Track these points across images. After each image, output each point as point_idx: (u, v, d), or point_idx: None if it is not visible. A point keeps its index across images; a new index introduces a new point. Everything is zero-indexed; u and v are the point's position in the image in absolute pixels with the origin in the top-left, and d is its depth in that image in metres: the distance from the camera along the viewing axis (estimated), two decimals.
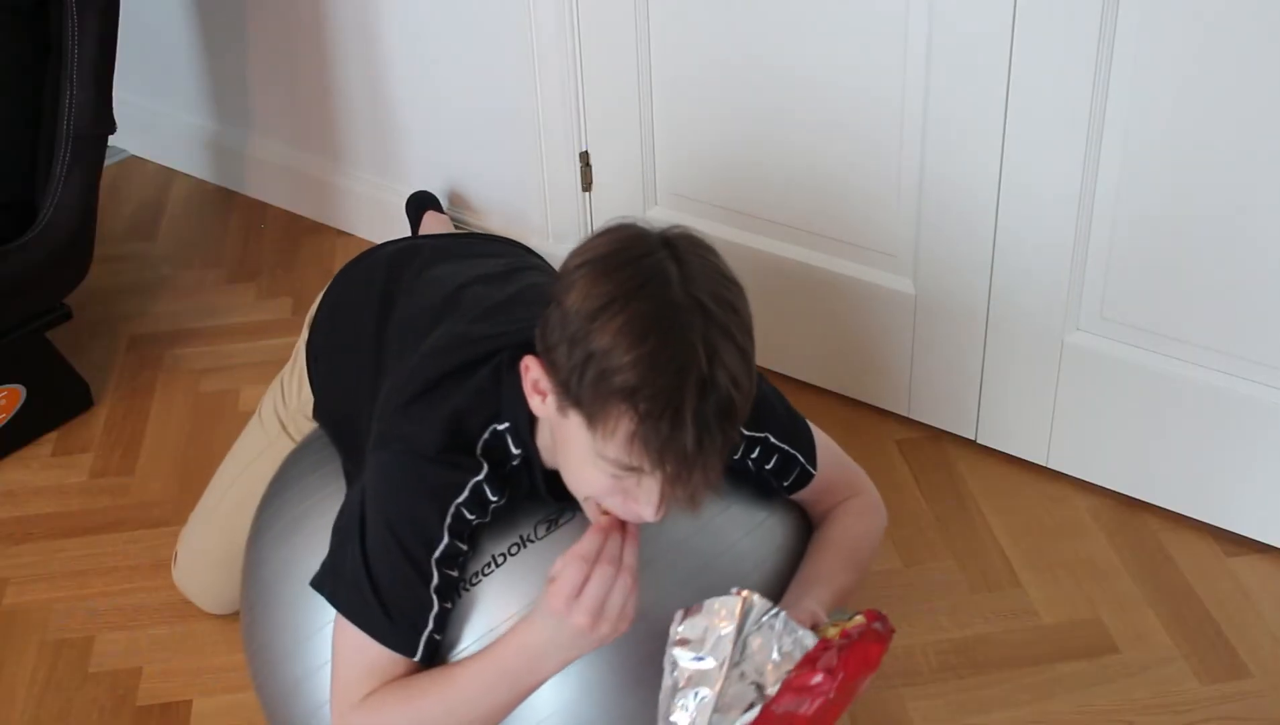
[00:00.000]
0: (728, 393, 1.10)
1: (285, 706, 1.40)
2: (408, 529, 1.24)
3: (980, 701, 1.70)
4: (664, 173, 2.23)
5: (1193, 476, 1.92)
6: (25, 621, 1.87)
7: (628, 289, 1.09)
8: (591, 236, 1.16)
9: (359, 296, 1.58)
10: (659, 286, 1.10)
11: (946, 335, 2.03)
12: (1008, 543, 1.94)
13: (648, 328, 1.08)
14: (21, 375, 2.15)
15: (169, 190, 2.93)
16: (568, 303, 1.11)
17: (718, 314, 1.11)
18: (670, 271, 1.11)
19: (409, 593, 1.24)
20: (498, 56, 2.32)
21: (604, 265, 1.12)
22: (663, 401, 1.07)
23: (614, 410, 1.09)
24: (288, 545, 1.44)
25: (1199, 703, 1.69)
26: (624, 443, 1.10)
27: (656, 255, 1.12)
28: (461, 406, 1.26)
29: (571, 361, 1.10)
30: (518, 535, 1.30)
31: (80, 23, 2.05)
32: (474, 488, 1.25)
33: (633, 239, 1.14)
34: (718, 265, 1.15)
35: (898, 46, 1.87)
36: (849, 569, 1.40)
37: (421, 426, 1.26)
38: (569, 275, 1.13)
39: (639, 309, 1.08)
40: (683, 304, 1.09)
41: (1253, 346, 1.79)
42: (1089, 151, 1.78)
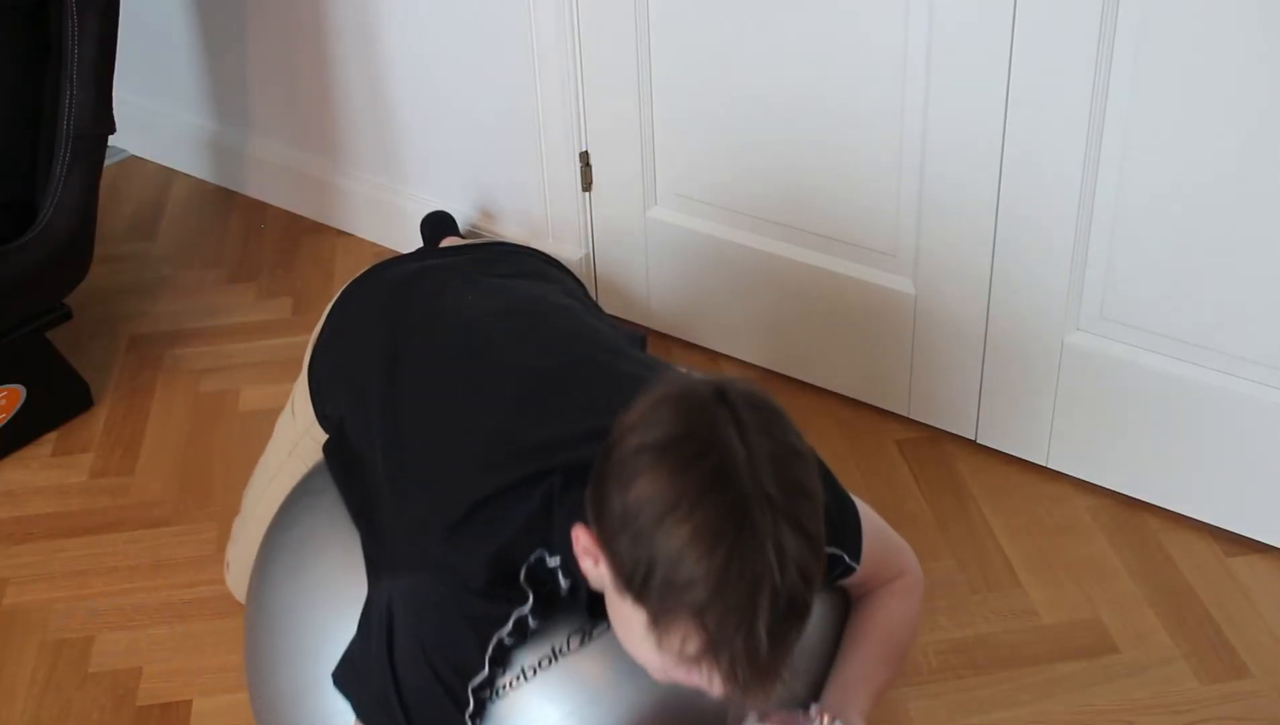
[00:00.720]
0: (799, 594, 1.04)
1: None
2: (444, 657, 1.20)
3: (980, 701, 1.70)
4: (664, 173, 2.23)
5: (1193, 476, 1.92)
6: (25, 621, 1.87)
7: (695, 489, 1.02)
8: (650, 402, 1.08)
9: (364, 330, 1.51)
10: (727, 482, 1.02)
11: (946, 335, 2.03)
12: (1008, 543, 1.94)
13: (716, 538, 1.01)
14: (21, 375, 2.15)
15: (169, 190, 2.93)
16: (629, 496, 1.04)
17: (786, 504, 1.04)
18: (737, 457, 1.03)
19: (443, 720, 1.21)
20: (498, 56, 2.32)
21: (668, 456, 1.04)
22: (734, 620, 1.02)
23: (681, 623, 1.03)
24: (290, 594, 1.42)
25: (1199, 703, 1.69)
26: (692, 652, 1.05)
27: (722, 438, 1.04)
28: (509, 540, 1.20)
29: (634, 560, 1.04)
30: (550, 647, 1.25)
31: (80, 23, 2.05)
32: (518, 619, 1.20)
33: (696, 415, 1.05)
34: (784, 437, 1.08)
35: (898, 46, 1.87)
36: (886, 663, 1.35)
37: (467, 559, 1.20)
38: (628, 458, 1.05)
39: (706, 515, 1.01)
40: (752, 499, 1.02)
41: (1253, 346, 1.79)
42: (1089, 152, 1.78)
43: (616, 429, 1.08)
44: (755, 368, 2.28)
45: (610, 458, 1.07)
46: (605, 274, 2.39)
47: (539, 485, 1.20)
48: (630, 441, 1.06)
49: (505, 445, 1.26)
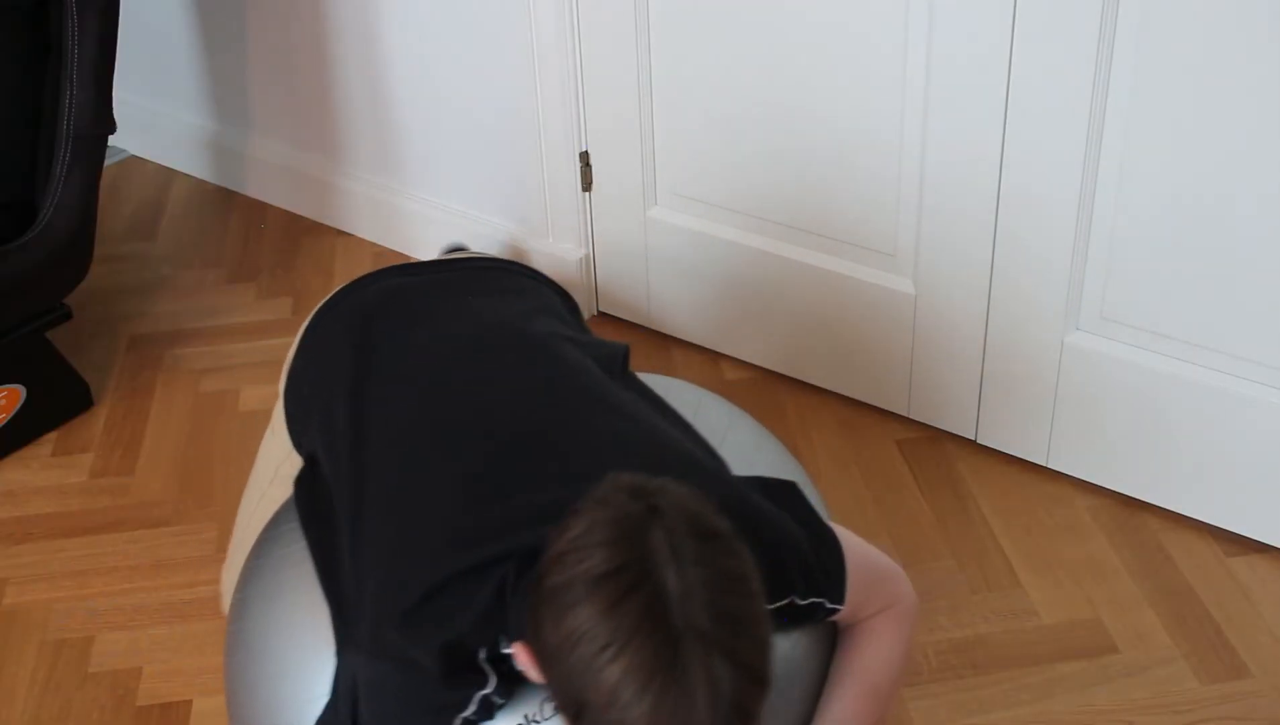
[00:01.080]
0: (737, 708, 1.01)
1: None
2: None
3: (980, 701, 1.70)
4: (664, 173, 2.23)
5: (1193, 476, 1.92)
6: (25, 621, 1.87)
7: (626, 629, 0.99)
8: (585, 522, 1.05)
9: (332, 363, 1.46)
10: (657, 621, 0.99)
11: (946, 335, 2.03)
12: (1008, 543, 1.94)
13: (648, 680, 0.99)
14: (21, 375, 2.15)
15: (169, 190, 2.93)
16: (562, 629, 1.01)
17: (720, 638, 1.00)
18: (669, 591, 1.00)
19: None
20: (498, 56, 2.32)
21: (599, 592, 1.01)
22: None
23: None
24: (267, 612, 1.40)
25: (1199, 703, 1.69)
26: None
27: (654, 571, 1.01)
28: (464, 632, 1.17)
29: (568, 696, 1.03)
30: (522, 715, 1.22)
31: (80, 23, 2.05)
32: (481, 700, 1.18)
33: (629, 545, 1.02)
34: (723, 562, 1.05)
35: (898, 47, 1.87)
36: (873, 700, 1.32)
37: (420, 649, 1.18)
38: (563, 586, 1.02)
39: (637, 657, 0.99)
40: (684, 638, 0.99)
41: (1252, 346, 1.79)
42: (1089, 152, 1.78)
43: (551, 549, 1.05)
44: (755, 367, 2.28)
45: (544, 583, 1.04)
46: (605, 274, 2.39)
47: (494, 573, 1.16)
48: (562, 571, 1.03)
49: (460, 526, 1.22)
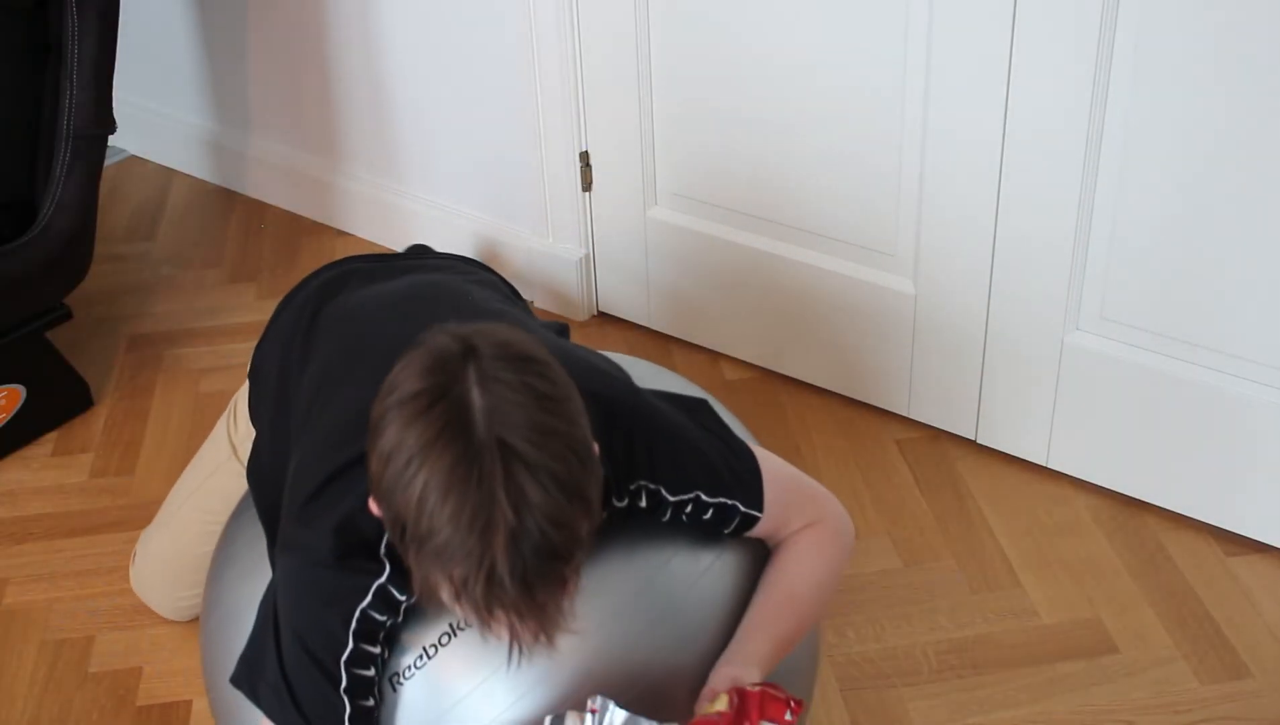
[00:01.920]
0: (543, 536, 1.03)
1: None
2: (313, 636, 1.21)
3: (980, 701, 1.70)
4: (664, 173, 2.23)
5: (1193, 476, 1.92)
6: (25, 621, 1.87)
7: (426, 439, 1.03)
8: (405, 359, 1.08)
9: (286, 334, 1.51)
10: (457, 433, 1.03)
11: (946, 335, 2.03)
12: (1008, 543, 1.94)
13: (448, 486, 1.02)
14: (21, 375, 2.15)
15: (169, 190, 2.93)
16: (375, 454, 1.06)
17: (525, 450, 1.03)
18: (473, 407, 1.03)
19: (321, 696, 1.22)
20: (498, 57, 2.32)
21: (404, 410, 1.05)
22: (474, 564, 1.02)
23: (432, 576, 1.05)
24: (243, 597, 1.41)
25: (1199, 703, 1.69)
26: (450, 600, 1.07)
27: (458, 389, 1.04)
28: (354, 509, 1.19)
29: (391, 519, 1.06)
30: (447, 624, 1.25)
31: (80, 23, 2.05)
32: (378, 590, 1.21)
33: (438, 370, 1.06)
34: (535, 383, 1.06)
35: (898, 46, 1.87)
36: (790, 614, 1.33)
37: (316, 533, 1.22)
38: (378, 418, 1.06)
39: (437, 465, 1.02)
40: (484, 448, 1.02)
41: (1253, 346, 1.79)
42: (1089, 151, 1.78)
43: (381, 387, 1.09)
44: (755, 367, 2.28)
45: (372, 416, 1.08)
46: (605, 274, 2.39)
47: None
48: (382, 402, 1.07)
49: (352, 422, 1.23)
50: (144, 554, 1.84)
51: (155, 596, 1.84)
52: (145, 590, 1.85)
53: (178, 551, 1.77)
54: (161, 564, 1.81)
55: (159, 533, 1.81)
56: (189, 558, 1.75)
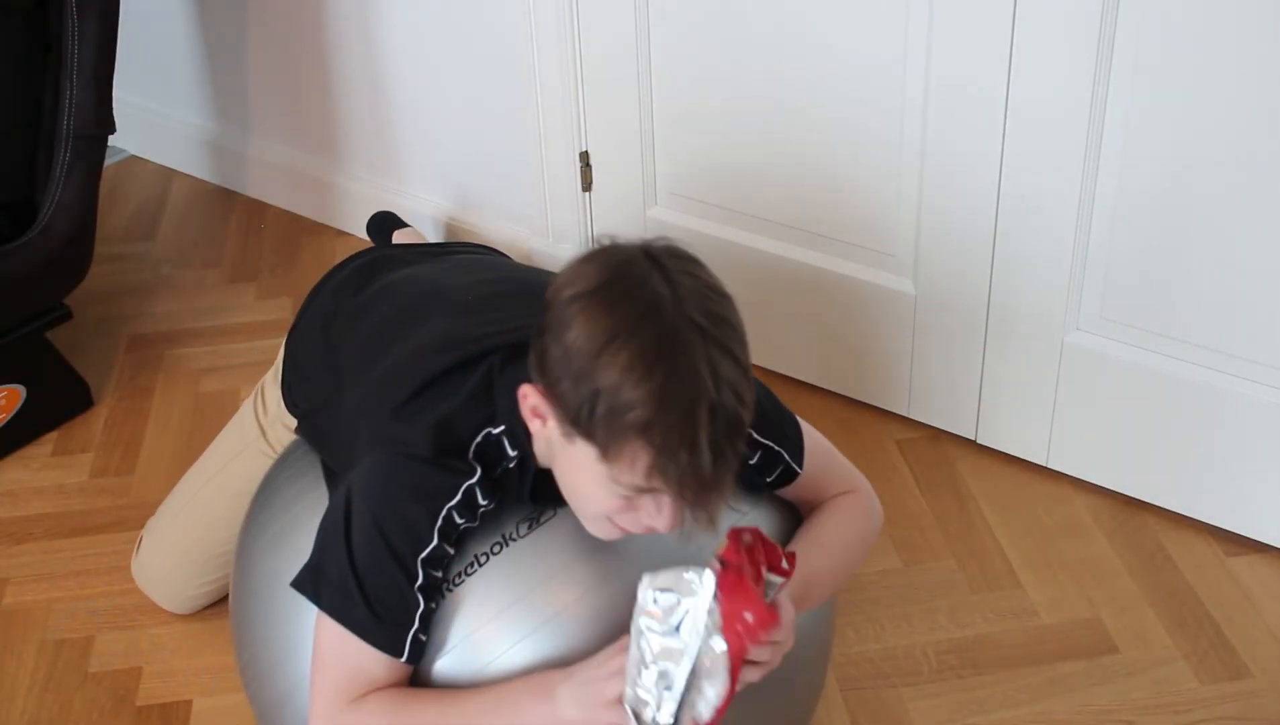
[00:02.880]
0: (735, 411, 1.12)
1: (277, 717, 1.40)
2: (396, 528, 1.23)
3: (980, 701, 1.70)
4: (664, 173, 2.23)
5: (1193, 476, 1.92)
6: (25, 621, 1.87)
7: (628, 322, 1.10)
8: (577, 263, 1.16)
9: (333, 305, 1.56)
10: (656, 315, 1.10)
11: (946, 335, 2.03)
12: (1008, 543, 1.94)
13: (653, 361, 1.09)
14: (21, 375, 2.15)
15: (169, 190, 2.93)
16: (567, 338, 1.11)
17: (714, 332, 1.12)
18: (663, 295, 1.11)
19: (395, 592, 1.24)
20: (498, 57, 2.32)
21: (599, 298, 1.12)
22: (677, 433, 1.09)
23: (630, 444, 1.10)
24: (276, 554, 1.43)
25: (1199, 703, 1.69)
26: (642, 473, 1.12)
27: (648, 280, 1.12)
28: (454, 411, 1.26)
29: (579, 397, 1.11)
30: (500, 534, 1.29)
31: (80, 23, 2.05)
32: (466, 491, 1.24)
33: (621, 265, 1.14)
34: (706, 279, 1.16)
35: (898, 46, 1.87)
36: (819, 559, 1.36)
37: (414, 429, 1.26)
38: (563, 308, 1.13)
39: (641, 343, 1.09)
40: (681, 328, 1.10)
41: (1252, 346, 1.79)
42: (1089, 151, 1.78)
43: (550, 291, 1.15)
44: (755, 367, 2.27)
45: (547, 315, 1.14)
46: None
47: (479, 365, 1.27)
48: (563, 295, 1.13)
49: (446, 337, 1.34)
50: (152, 546, 1.84)
51: (163, 589, 1.83)
52: (151, 583, 1.84)
53: (196, 539, 1.77)
54: (174, 554, 1.80)
55: (171, 523, 1.81)
56: (208, 544, 1.75)
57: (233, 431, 1.75)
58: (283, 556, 1.41)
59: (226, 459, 1.73)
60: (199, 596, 1.82)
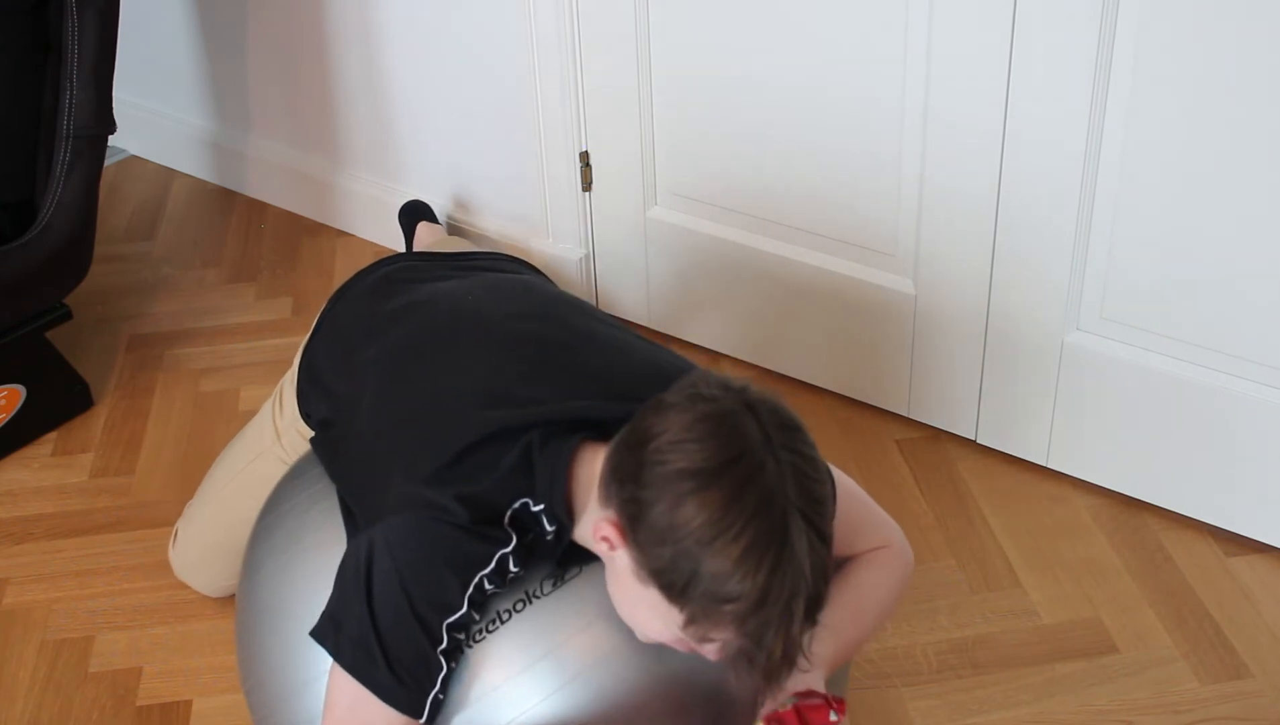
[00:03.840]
0: (822, 594, 1.14)
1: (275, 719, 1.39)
2: (424, 593, 1.22)
3: (980, 701, 1.70)
4: (664, 173, 2.23)
5: (1193, 476, 1.92)
6: (25, 621, 1.87)
7: (743, 516, 1.10)
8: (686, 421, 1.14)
9: (357, 314, 1.56)
10: (770, 508, 1.11)
11: (946, 335, 2.03)
12: (1008, 543, 1.94)
13: (761, 556, 1.10)
14: (21, 375, 2.15)
15: (169, 190, 2.93)
16: (676, 516, 1.11)
17: (815, 518, 1.13)
18: (773, 479, 1.12)
19: (418, 655, 1.23)
20: (498, 56, 2.32)
21: (717, 487, 1.11)
22: (773, 628, 1.11)
23: (721, 628, 1.12)
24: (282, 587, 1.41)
25: (1199, 703, 1.69)
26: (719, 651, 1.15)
27: (765, 466, 1.12)
28: (494, 483, 1.25)
29: (677, 571, 1.12)
30: (524, 592, 1.28)
31: (80, 23, 2.05)
32: (500, 559, 1.24)
33: (737, 445, 1.12)
34: (807, 453, 1.16)
35: (898, 46, 1.87)
36: (858, 622, 1.37)
37: (449, 497, 1.25)
38: (672, 480, 1.12)
39: (753, 537, 1.10)
40: (790, 521, 1.11)
41: (1252, 346, 1.79)
42: (1089, 151, 1.78)
43: (650, 444, 1.14)
44: (754, 367, 2.28)
45: (646, 472, 1.13)
46: (605, 274, 2.39)
47: (519, 438, 1.26)
48: (671, 464, 1.12)
49: (483, 397, 1.33)
50: (186, 536, 1.85)
51: (199, 577, 1.86)
52: (188, 571, 1.86)
53: (224, 534, 1.78)
54: (205, 546, 1.82)
55: (201, 517, 1.82)
56: (235, 539, 1.74)
57: (253, 431, 1.76)
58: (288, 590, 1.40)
59: (248, 458, 1.74)
60: (232, 585, 1.83)
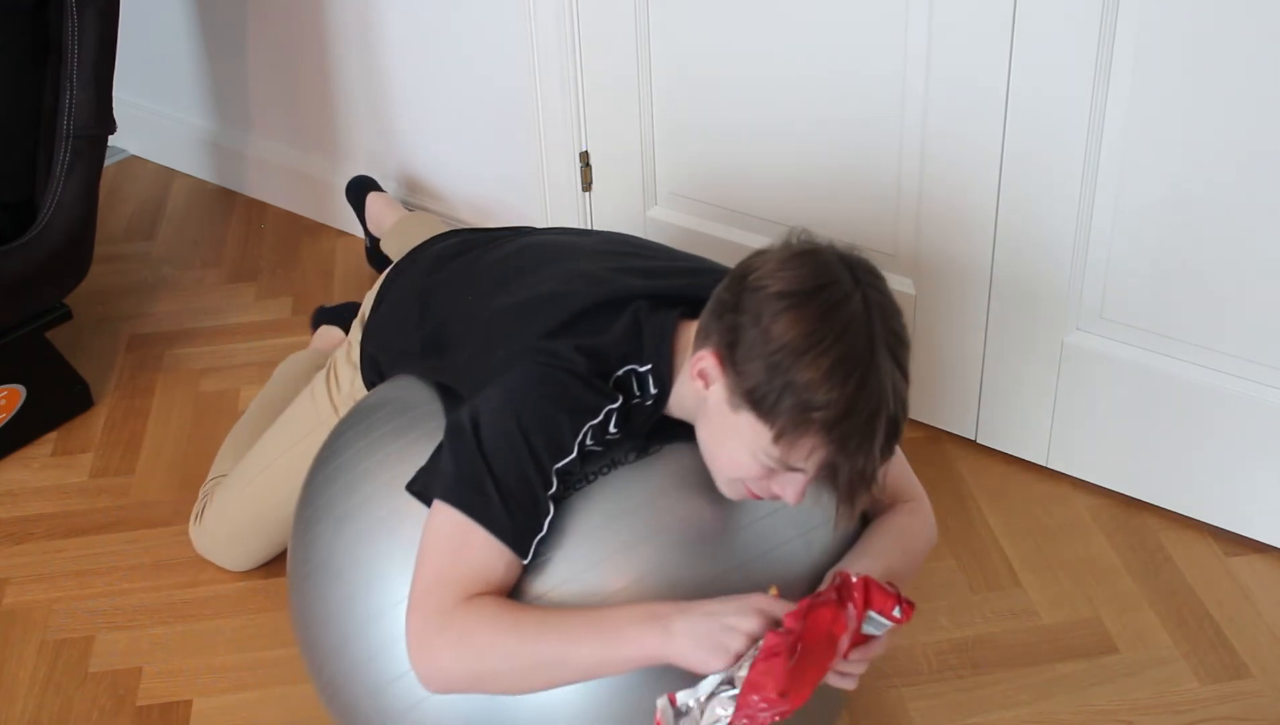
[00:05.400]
0: (901, 422, 1.25)
1: (347, 690, 1.40)
2: (541, 434, 1.28)
3: (980, 701, 1.70)
4: (664, 173, 2.23)
5: (1193, 476, 1.92)
6: (25, 621, 1.87)
7: (834, 331, 1.21)
8: (781, 257, 1.26)
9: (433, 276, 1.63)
10: (857, 331, 1.22)
11: (946, 335, 2.03)
12: (1008, 543, 1.94)
13: (850, 370, 1.20)
14: (21, 375, 2.15)
15: (169, 190, 2.93)
16: (772, 330, 1.21)
17: (897, 350, 1.24)
18: (861, 313, 1.23)
19: (530, 494, 1.28)
20: (498, 57, 2.32)
21: (810, 304, 1.22)
22: (857, 438, 1.21)
23: (810, 436, 1.21)
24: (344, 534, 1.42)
25: (1199, 703, 1.69)
26: (807, 462, 1.23)
27: (852, 296, 1.23)
28: (606, 342, 1.34)
29: (770, 385, 1.21)
30: (610, 458, 1.36)
31: (80, 23, 2.05)
32: (607, 414, 1.31)
33: (828, 274, 1.24)
34: (890, 297, 1.27)
35: (898, 46, 1.87)
36: (900, 553, 1.42)
37: (568, 348, 1.34)
38: (768, 301, 1.22)
39: (842, 352, 1.20)
40: (876, 346, 1.22)
41: (1252, 346, 1.79)
42: (1089, 151, 1.78)
43: (750, 276, 1.25)
44: None
45: (745, 297, 1.24)
46: None
47: (626, 307, 1.37)
48: (770, 286, 1.23)
49: (590, 276, 1.45)
50: (218, 514, 1.87)
51: (226, 552, 1.89)
52: (214, 548, 1.89)
53: (259, 511, 1.82)
54: (243, 522, 1.86)
55: (238, 496, 1.85)
56: (280, 513, 1.79)
57: (305, 409, 1.79)
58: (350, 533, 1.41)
59: (298, 436, 1.77)
60: (261, 557, 1.89)
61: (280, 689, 1.75)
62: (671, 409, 1.36)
